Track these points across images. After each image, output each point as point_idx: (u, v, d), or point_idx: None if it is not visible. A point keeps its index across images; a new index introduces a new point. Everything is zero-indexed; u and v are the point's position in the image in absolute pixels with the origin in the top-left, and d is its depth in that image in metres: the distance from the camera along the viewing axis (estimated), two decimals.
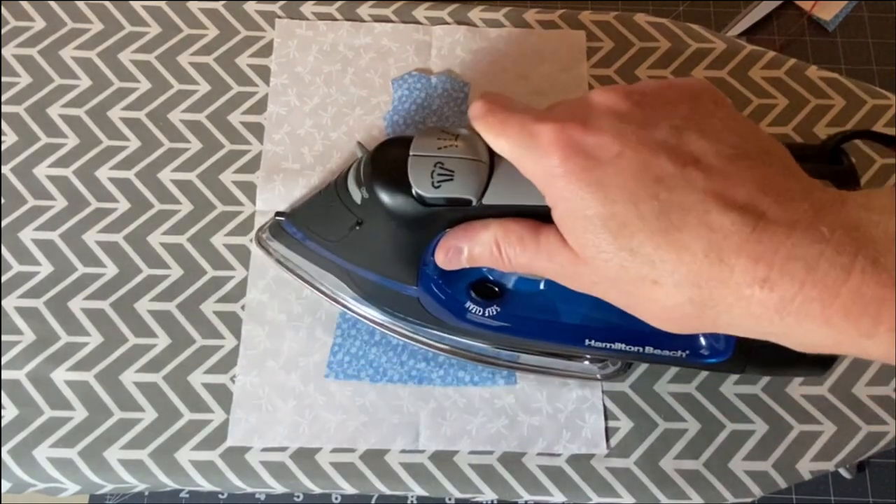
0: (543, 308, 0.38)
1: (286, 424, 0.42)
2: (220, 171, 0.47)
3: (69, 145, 0.47)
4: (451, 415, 0.42)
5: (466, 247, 0.32)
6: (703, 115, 0.27)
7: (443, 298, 0.37)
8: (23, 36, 0.49)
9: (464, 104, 0.48)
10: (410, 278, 0.37)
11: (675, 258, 0.25)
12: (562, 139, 0.27)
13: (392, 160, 0.32)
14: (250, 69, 0.49)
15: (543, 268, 0.30)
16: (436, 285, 0.37)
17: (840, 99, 0.49)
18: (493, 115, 0.29)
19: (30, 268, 0.44)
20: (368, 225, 0.36)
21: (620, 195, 0.25)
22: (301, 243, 0.40)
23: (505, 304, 0.38)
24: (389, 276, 0.37)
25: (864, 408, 0.43)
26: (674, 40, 0.51)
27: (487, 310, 0.38)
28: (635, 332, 0.37)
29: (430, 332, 0.40)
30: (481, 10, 0.51)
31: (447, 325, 0.39)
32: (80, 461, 0.41)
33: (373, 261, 0.37)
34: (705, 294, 0.25)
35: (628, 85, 0.29)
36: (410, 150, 0.32)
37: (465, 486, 0.41)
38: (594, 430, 0.42)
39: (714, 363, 0.37)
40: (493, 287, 0.38)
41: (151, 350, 0.43)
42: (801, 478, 0.41)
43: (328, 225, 0.38)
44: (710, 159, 0.25)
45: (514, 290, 0.38)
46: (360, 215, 0.36)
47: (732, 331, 0.26)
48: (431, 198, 0.31)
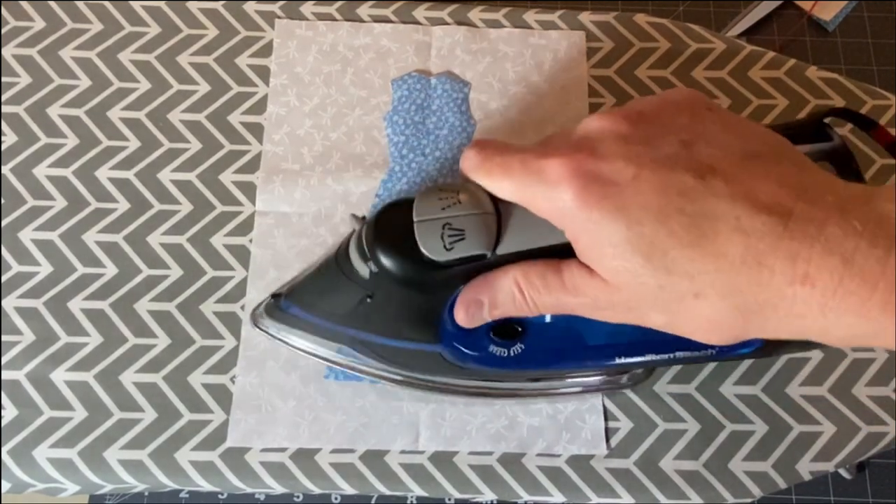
0: (566, 335, 0.37)
1: (286, 425, 0.42)
2: (219, 171, 0.47)
3: (69, 145, 0.47)
4: (450, 415, 0.42)
5: (487, 298, 0.31)
6: (702, 123, 0.27)
7: (466, 349, 0.36)
8: (22, 36, 0.49)
9: (464, 104, 0.48)
10: (431, 338, 0.35)
11: (714, 268, 0.24)
12: (573, 171, 0.26)
13: (395, 228, 0.31)
14: (250, 69, 0.49)
15: (572, 304, 0.29)
16: (456, 338, 0.36)
17: (840, 99, 0.49)
18: (490, 161, 0.28)
19: (29, 268, 0.44)
20: (379, 296, 0.34)
21: (646, 216, 0.25)
22: (303, 320, 0.38)
23: (528, 340, 0.37)
24: (408, 339, 0.36)
25: (863, 408, 0.43)
26: (674, 40, 0.51)
27: (512, 350, 0.37)
28: (663, 341, 0.36)
29: (455, 380, 0.39)
30: (481, 11, 0.51)
31: (470, 372, 0.38)
32: (80, 461, 0.41)
33: (388, 328, 0.36)
34: (749, 299, 0.25)
35: (619, 107, 0.28)
36: (414, 216, 0.31)
37: (464, 487, 0.41)
38: (594, 430, 0.42)
39: (746, 353, 0.36)
40: (514, 326, 0.37)
41: (151, 350, 0.43)
42: (801, 478, 0.41)
43: (334, 301, 0.36)
44: (725, 165, 0.25)
45: (535, 324, 0.37)
46: (369, 288, 0.34)
47: (778, 334, 0.26)
48: (445, 261, 0.31)
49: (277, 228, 0.45)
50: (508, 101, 0.49)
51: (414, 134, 0.47)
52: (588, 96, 0.49)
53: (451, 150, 0.47)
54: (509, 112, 0.48)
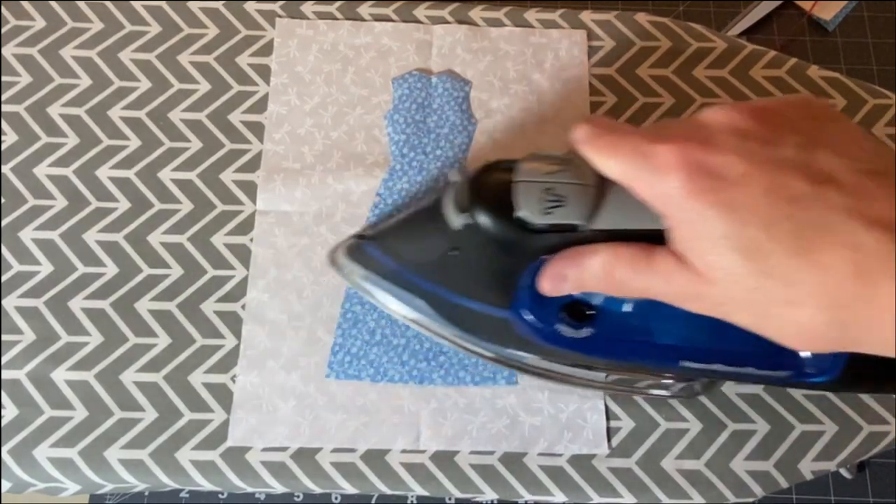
0: (637, 328, 0.37)
1: (287, 424, 0.42)
2: (220, 170, 0.47)
3: (69, 145, 0.47)
4: (451, 415, 0.42)
5: (574, 272, 0.31)
6: (825, 131, 0.27)
7: (535, 321, 0.36)
8: (23, 35, 0.49)
9: (465, 103, 0.48)
10: (504, 302, 0.36)
11: (817, 280, 0.24)
12: (683, 159, 0.26)
13: (495, 186, 0.32)
14: (251, 68, 0.49)
15: (660, 291, 0.29)
16: (529, 308, 0.36)
17: (841, 98, 0.49)
18: (601, 138, 0.28)
19: (30, 267, 0.44)
20: (465, 250, 0.34)
21: (752, 216, 0.25)
22: (383, 265, 0.38)
23: (597, 326, 0.36)
24: (482, 299, 0.36)
25: (865, 408, 0.43)
26: (675, 39, 0.51)
27: (580, 332, 0.36)
28: (735, 353, 0.35)
29: (514, 353, 0.38)
30: (482, 10, 0.51)
31: (535, 347, 0.37)
32: (81, 461, 0.41)
33: (464, 285, 0.36)
34: (849, 315, 0.24)
35: (741, 102, 0.28)
36: (517, 176, 0.31)
37: (465, 486, 0.41)
38: (595, 430, 0.42)
39: (820, 382, 0.35)
40: (586, 309, 0.37)
41: (152, 350, 0.43)
42: (803, 477, 0.41)
43: (419, 250, 0.37)
44: (844, 176, 0.25)
45: (607, 311, 0.37)
46: (456, 242, 0.34)
47: (872, 349, 0.25)
48: (539, 224, 0.31)
49: (278, 227, 0.45)
50: (509, 100, 0.49)
51: (415, 133, 0.47)
52: (589, 95, 0.49)
53: (452, 148, 0.47)
54: (510, 111, 0.48)
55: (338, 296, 0.44)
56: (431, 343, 0.43)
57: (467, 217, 0.33)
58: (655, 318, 0.36)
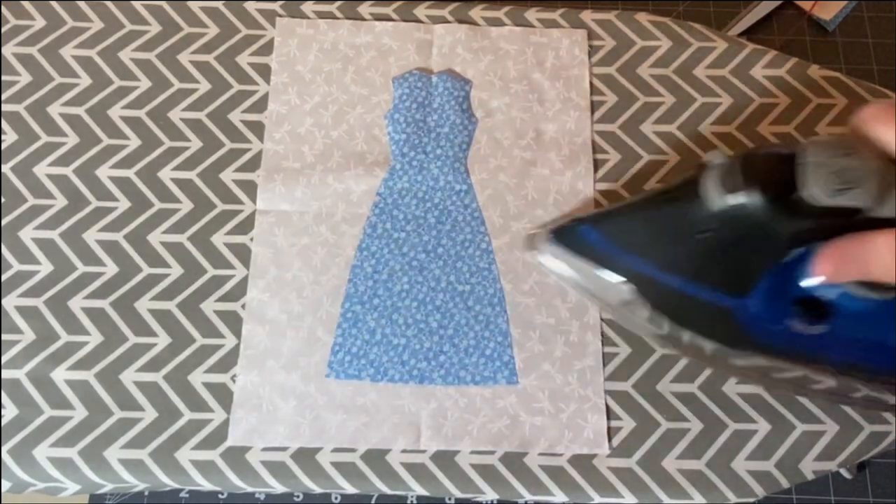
0: (875, 330, 0.35)
1: (287, 424, 0.42)
2: (220, 169, 0.47)
3: (69, 144, 0.47)
4: (452, 415, 0.42)
5: (862, 256, 0.30)
6: None
7: (766, 313, 0.34)
8: (23, 34, 0.49)
9: (465, 102, 0.48)
10: (739, 289, 0.34)
11: None
12: None
13: (774, 166, 0.31)
14: (251, 68, 0.49)
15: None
16: (764, 298, 0.34)
17: (842, 98, 0.49)
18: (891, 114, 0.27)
19: (30, 267, 0.44)
20: (719, 233, 0.33)
21: None
22: (599, 250, 0.37)
23: (833, 324, 0.34)
24: (713, 285, 0.35)
25: None
26: (675, 39, 0.51)
27: (812, 329, 0.34)
28: None
29: (722, 348, 0.37)
30: (482, 9, 0.51)
31: (754, 343, 0.36)
32: (80, 461, 0.41)
33: (702, 269, 0.35)
34: None
35: None
36: (804, 158, 0.30)
37: (466, 486, 0.41)
38: (596, 430, 0.42)
39: None
40: (821, 305, 0.34)
41: (151, 349, 0.43)
42: (804, 477, 0.41)
43: (651, 232, 0.36)
44: None
45: (843, 309, 0.34)
46: (710, 223, 0.33)
47: None
48: (826, 203, 0.30)
49: (278, 227, 0.45)
50: (510, 99, 0.49)
51: (415, 132, 0.47)
52: (590, 94, 0.49)
53: (453, 147, 0.47)
54: (511, 110, 0.48)
55: (338, 295, 0.44)
56: (432, 343, 0.43)
57: (737, 197, 0.32)
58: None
